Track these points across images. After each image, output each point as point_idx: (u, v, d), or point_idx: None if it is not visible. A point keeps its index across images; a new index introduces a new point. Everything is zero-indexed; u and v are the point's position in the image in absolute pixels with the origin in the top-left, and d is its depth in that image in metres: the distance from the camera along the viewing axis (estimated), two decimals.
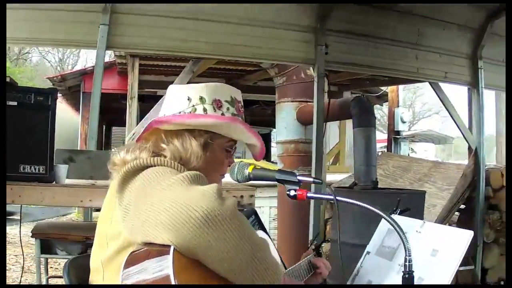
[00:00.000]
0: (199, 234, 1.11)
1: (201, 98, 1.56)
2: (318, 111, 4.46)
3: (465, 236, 1.61)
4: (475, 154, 5.13)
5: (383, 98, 10.32)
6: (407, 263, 1.41)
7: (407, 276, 1.42)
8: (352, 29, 4.54)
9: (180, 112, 1.55)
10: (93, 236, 1.50)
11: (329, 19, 4.40)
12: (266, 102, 10.59)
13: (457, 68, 4.99)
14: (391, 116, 9.27)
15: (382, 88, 9.83)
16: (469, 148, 5.46)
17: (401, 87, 9.80)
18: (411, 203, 2.00)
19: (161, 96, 5.71)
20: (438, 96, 5.57)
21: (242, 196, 3.56)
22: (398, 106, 9.21)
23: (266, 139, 15.54)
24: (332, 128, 9.99)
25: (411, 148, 15.05)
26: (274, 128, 8.79)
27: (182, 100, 1.57)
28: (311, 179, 1.61)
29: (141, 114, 5.92)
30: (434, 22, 4.79)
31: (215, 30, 4.06)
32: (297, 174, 1.61)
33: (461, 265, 1.57)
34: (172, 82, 5.83)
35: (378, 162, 5.71)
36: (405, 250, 1.41)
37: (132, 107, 5.09)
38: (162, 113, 1.59)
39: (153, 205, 1.18)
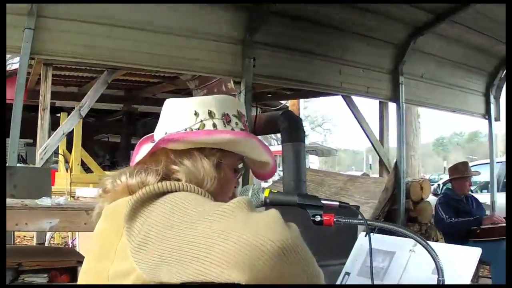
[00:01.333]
0: (276, 268, 1.14)
1: (210, 113, 1.61)
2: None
3: (474, 253, 1.84)
4: (395, 167, 6.09)
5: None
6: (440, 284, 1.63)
7: None
8: (279, 42, 5.22)
9: (186, 129, 1.58)
10: (27, 261, 1.55)
11: (257, 32, 5.02)
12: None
13: (379, 83, 5.93)
14: None
15: (282, 102, 10.93)
16: (380, 161, 6.51)
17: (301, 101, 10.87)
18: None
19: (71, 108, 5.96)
20: (351, 110, 6.57)
21: None
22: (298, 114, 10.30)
23: None
24: None
25: None
26: None
27: (188, 115, 1.60)
28: (336, 203, 1.74)
29: (53, 127, 6.17)
30: (358, 37, 5.65)
31: (142, 39, 4.54)
32: (319, 197, 1.73)
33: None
34: (82, 94, 6.14)
35: None
36: (438, 272, 1.61)
37: (44, 119, 5.31)
38: (162, 131, 1.62)
39: (205, 238, 1.18)
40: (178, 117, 1.62)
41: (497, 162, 9.49)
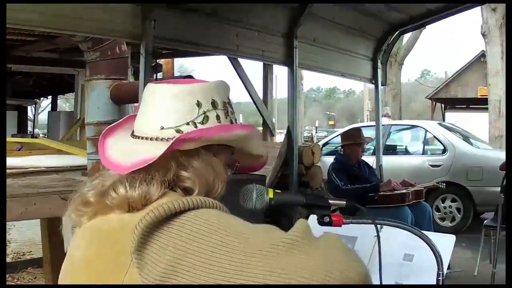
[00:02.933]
0: None
1: (213, 103, 1.66)
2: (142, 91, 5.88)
3: (449, 240, 2.25)
4: (287, 132, 7.15)
5: (157, 69, 12.23)
6: (440, 278, 2.01)
7: None
8: (179, 4, 5.79)
9: (189, 123, 1.61)
10: None
11: None
12: (42, 75, 11.58)
13: (274, 46, 6.86)
14: None
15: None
16: (264, 122, 7.73)
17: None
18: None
19: None
20: (236, 71, 7.73)
21: None
22: (155, 75, 11.30)
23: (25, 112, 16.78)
24: None
25: None
26: (39, 99, 10.15)
27: (189, 106, 1.62)
28: (343, 202, 2.04)
29: None
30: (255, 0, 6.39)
31: None
32: (325, 196, 2.07)
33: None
34: None
35: None
36: (438, 265, 1.96)
37: None
38: (156, 125, 1.63)
39: (279, 275, 1.26)
40: (177, 108, 1.63)
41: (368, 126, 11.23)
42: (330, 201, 2.02)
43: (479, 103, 33.23)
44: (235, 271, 1.29)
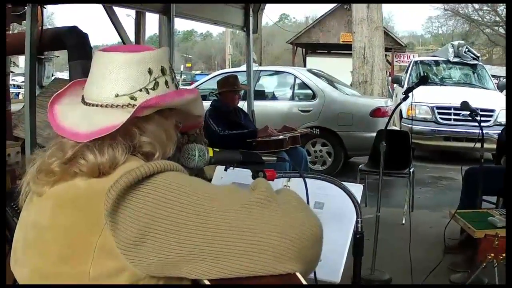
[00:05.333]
0: (319, 250, 1.55)
1: (163, 69, 1.74)
2: (32, 43, 5.29)
3: (357, 189, 2.45)
4: None
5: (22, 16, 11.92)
6: (358, 225, 2.26)
7: (358, 236, 2.26)
8: None
9: (141, 90, 1.68)
10: None
11: None
12: None
13: None
14: None
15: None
16: None
17: None
18: None
19: None
20: (111, 20, 7.66)
21: (9, 155, 4.83)
22: (42, 26, 11.01)
23: None
24: None
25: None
26: None
27: (141, 73, 1.70)
28: (274, 158, 2.24)
29: None
30: None
31: None
32: (258, 153, 2.16)
33: None
34: None
35: (54, 90, 7.51)
36: (357, 213, 2.22)
37: None
38: (111, 92, 1.68)
39: (249, 232, 1.43)
40: (130, 75, 1.69)
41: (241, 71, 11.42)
42: (264, 158, 2.19)
43: (341, 49, 34.24)
44: (210, 228, 1.44)
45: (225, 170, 2.33)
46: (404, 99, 5.75)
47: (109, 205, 1.47)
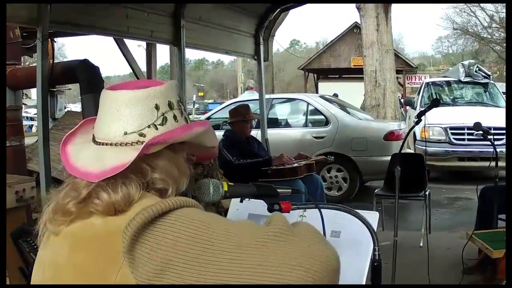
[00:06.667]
0: (336, 283, 1.55)
1: (170, 104, 1.75)
2: (43, 76, 5.45)
3: (374, 217, 2.45)
4: None
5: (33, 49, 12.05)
6: (376, 252, 2.22)
7: (376, 264, 2.24)
8: None
9: (150, 126, 1.70)
10: None
11: None
12: None
13: (162, 26, 7.02)
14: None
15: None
16: None
17: None
18: None
19: None
20: (122, 52, 7.82)
21: (24, 190, 4.85)
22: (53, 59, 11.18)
23: None
24: None
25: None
26: None
27: (148, 109, 1.71)
28: (289, 190, 2.23)
29: None
30: None
31: None
32: (273, 186, 2.17)
33: None
34: None
35: (67, 123, 7.61)
36: (373, 241, 2.17)
37: None
38: (120, 130, 1.71)
39: (272, 265, 1.44)
40: (137, 113, 1.71)
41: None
42: (278, 190, 2.19)
43: (352, 73, 34.32)
44: (225, 268, 1.45)
45: (241, 201, 2.37)
46: (417, 122, 5.79)
47: (126, 242, 1.49)
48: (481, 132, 6.23)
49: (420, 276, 5.75)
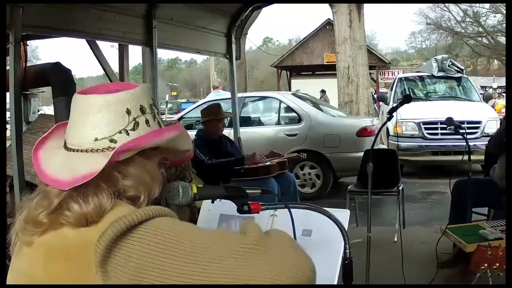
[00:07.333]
0: None
1: (142, 108, 1.72)
2: (16, 80, 5.35)
3: (344, 215, 2.46)
4: None
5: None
6: (347, 251, 2.20)
7: (347, 262, 2.23)
8: None
9: (121, 131, 1.67)
10: None
11: None
12: None
13: (134, 27, 7.00)
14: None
15: None
16: None
17: None
18: None
19: None
20: (95, 54, 7.75)
21: None
22: (26, 62, 11.07)
23: None
24: None
25: None
26: None
27: (119, 114, 1.68)
28: (259, 191, 2.24)
29: None
30: None
31: None
32: (242, 187, 2.16)
33: None
34: None
35: (40, 127, 7.53)
36: (344, 239, 2.17)
37: None
38: (90, 136, 1.68)
39: (247, 277, 1.42)
40: (108, 118, 1.68)
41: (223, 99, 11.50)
42: (248, 191, 2.19)
43: (325, 70, 34.42)
44: (198, 278, 1.43)
45: (212, 202, 2.40)
46: (389, 119, 5.79)
47: (98, 256, 1.48)
48: (453, 127, 6.24)
49: (394, 272, 5.76)
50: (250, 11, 9.00)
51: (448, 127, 8.39)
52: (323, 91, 26.48)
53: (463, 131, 6.09)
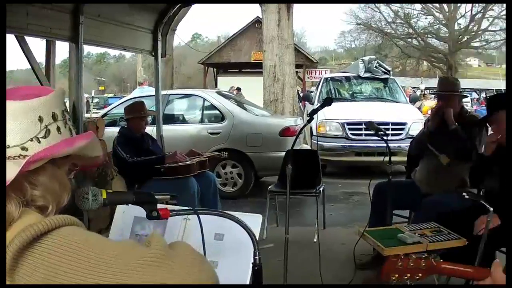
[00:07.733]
0: None
1: (54, 115, 1.70)
2: None
3: (257, 219, 2.54)
4: (73, 108, 7.26)
5: None
6: (256, 257, 2.25)
7: (256, 268, 2.28)
8: None
9: (32, 139, 1.64)
10: None
11: None
12: None
13: (61, 23, 6.88)
14: None
15: None
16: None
17: None
18: None
19: None
20: (22, 49, 7.59)
21: None
22: None
23: None
24: None
25: None
26: None
27: (31, 122, 1.65)
28: (168, 196, 2.30)
29: None
30: None
31: None
32: (152, 193, 2.22)
33: None
34: None
35: None
36: (254, 245, 2.21)
37: None
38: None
39: None
40: (20, 126, 1.64)
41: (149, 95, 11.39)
42: (157, 197, 2.24)
43: (252, 68, 34.45)
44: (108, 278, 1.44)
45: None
46: (309, 121, 5.79)
47: (6, 265, 1.46)
48: (374, 131, 6.29)
49: (313, 273, 5.76)
50: (178, 8, 8.93)
51: (369, 130, 8.46)
52: (238, 89, 26.43)
53: (382, 133, 6.10)
